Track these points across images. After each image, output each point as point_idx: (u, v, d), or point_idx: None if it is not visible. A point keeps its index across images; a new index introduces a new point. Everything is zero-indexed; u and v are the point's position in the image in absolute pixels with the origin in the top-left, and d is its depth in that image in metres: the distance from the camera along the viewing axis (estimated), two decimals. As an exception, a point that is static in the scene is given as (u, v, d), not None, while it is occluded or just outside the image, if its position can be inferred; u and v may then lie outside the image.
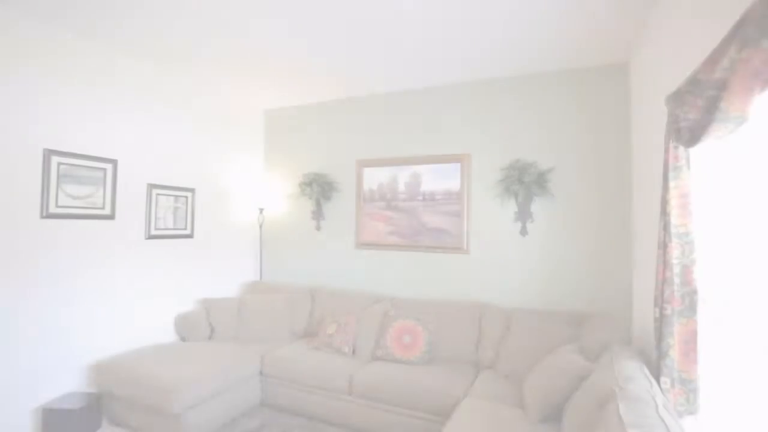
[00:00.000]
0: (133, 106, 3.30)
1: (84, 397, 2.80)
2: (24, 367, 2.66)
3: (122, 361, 2.90)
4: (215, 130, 4.05)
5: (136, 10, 2.56)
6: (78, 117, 2.94)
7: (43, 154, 2.73)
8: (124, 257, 3.23)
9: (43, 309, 2.75)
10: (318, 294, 3.86)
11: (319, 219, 4.24)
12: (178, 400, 2.52)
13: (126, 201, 3.24)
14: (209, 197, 3.98)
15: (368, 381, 2.80)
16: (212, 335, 3.57)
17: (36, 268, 2.71)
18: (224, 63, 3.34)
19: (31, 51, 2.69)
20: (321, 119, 4.32)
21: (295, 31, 2.79)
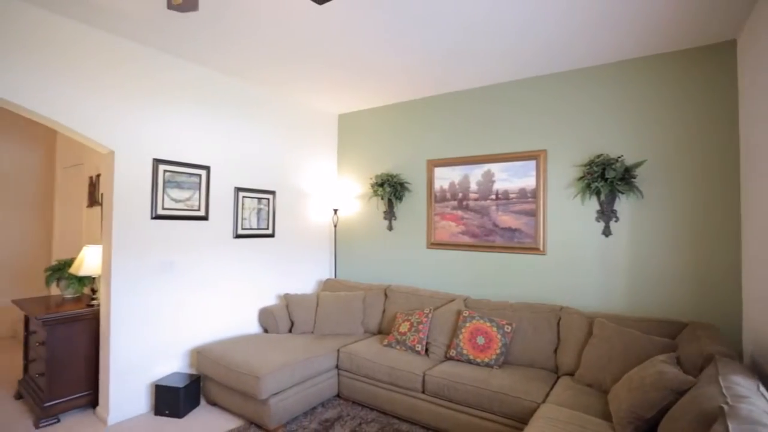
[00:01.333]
0: (222, 117, 3.63)
1: (186, 377, 3.15)
2: (142, 348, 3.07)
3: (216, 347, 3.20)
4: (293, 136, 4.31)
5: (231, 36, 2.82)
6: (178, 129, 3.31)
7: (152, 164, 3.11)
8: (216, 254, 3.57)
9: (154, 299, 3.14)
10: (391, 292, 3.94)
11: (391, 219, 4.32)
12: (264, 386, 2.73)
13: (217, 203, 3.58)
14: (288, 199, 4.25)
15: (441, 380, 2.81)
16: (292, 328, 3.81)
17: (146, 264, 3.10)
18: (301, 75, 3.54)
19: (146, 74, 3.09)
20: (392, 121, 4.39)
21: (371, 35, 2.88)
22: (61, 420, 2.96)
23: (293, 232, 4.30)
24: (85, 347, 3.06)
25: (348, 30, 2.78)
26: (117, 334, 2.95)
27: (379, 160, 4.48)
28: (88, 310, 3.07)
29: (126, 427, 2.87)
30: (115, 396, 2.94)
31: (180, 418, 3.00)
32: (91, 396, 3.08)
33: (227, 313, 3.66)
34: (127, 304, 2.99)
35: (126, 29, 2.83)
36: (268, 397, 2.79)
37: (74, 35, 2.74)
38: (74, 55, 2.74)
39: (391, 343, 3.37)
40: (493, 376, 2.77)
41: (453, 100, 3.96)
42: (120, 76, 2.96)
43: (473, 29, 2.74)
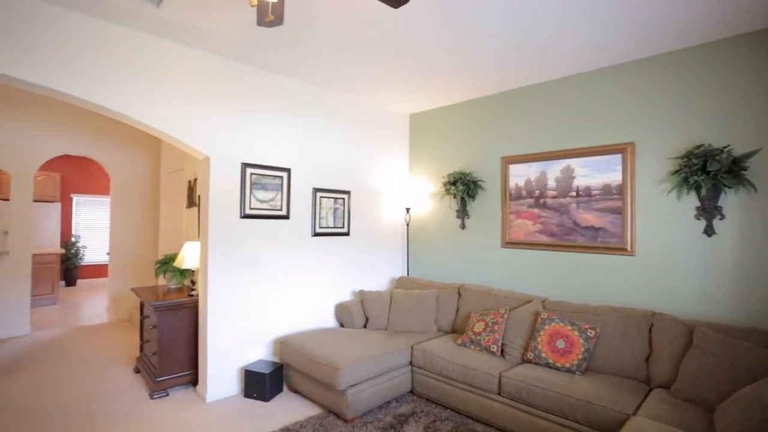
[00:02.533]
0: (301, 122, 3.86)
1: (271, 365, 3.41)
2: (233, 335, 3.38)
3: (297, 338, 3.42)
4: (366, 137, 4.44)
5: (308, 46, 2.99)
6: (263, 135, 3.57)
7: (241, 167, 3.41)
8: (296, 251, 3.80)
9: (243, 291, 3.44)
10: (465, 291, 3.90)
11: (464, 218, 4.27)
12: (343, 377, 2.87)
13: (297, 203, 3.81)
14: (362, 198, 4.39)
15: (518, 383, 2.73)
16: (367, 324, 3.94)
17: (236, 259, 3.40)
18: (373, 78, 3.64)
19: (235, 86, 3.39)
20: (463, 118, 4.34)
21: (445, 32, 2.89)
22: (170, 394, 3.36)
23: (367, 231, 4.43)
24: (187, 332, 3.45)
25: (421, 30, 2.81)
26: (212, 322, 3.28)
27: (451, 158, 4.45)
28: (189, 299, 3.46)
29: (221, 405, 3.19)
30: (211, 377, 3.27)
31: (266, 401, 3.25)
32: (193, 375, 3.46)
33: (306, 307, 3.88)
34: (221, 296, 3.31)
35: (218, 47, 3.13)
36: (345, 388, 2.92)
37: (174, 55, 3.09)
38: (174, 73, 3.09)
39: (465, 342, 3.34)
40: (576, 382, 2.63)
41: (528, 94, 3.81)
42: (213, 89, 3.28)
43: (564, 17, 2.62)
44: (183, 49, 3.12)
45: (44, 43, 2.55)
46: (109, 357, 4.27)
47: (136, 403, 3.20)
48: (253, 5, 1.75)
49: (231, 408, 3.15)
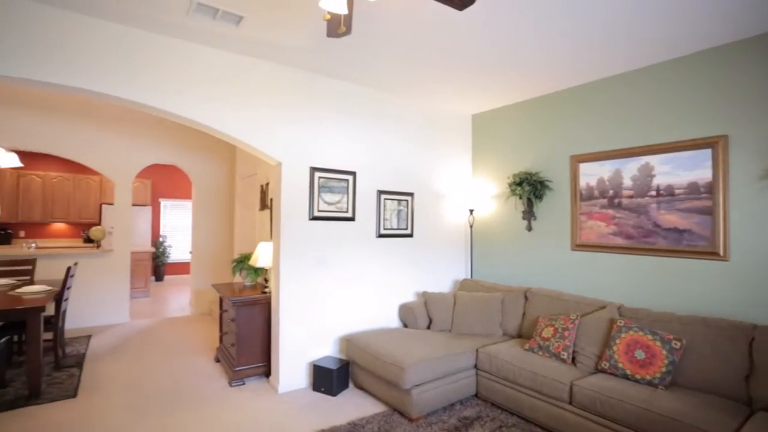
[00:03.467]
0: (365, 126, 3.97)
1: (337, 361, 3.54)
2: (302, 331, 3.57)
3: (363, 337, 3.52)
4: (429, 139, 4.46)
5: (372, 52, 3.09)
6: (329, 140, 3.73)
7: (309, 171, 3.59)
8: (361, 252, 3.92)
9: (311, 290, 3.61)
10: (531, 295, 3.77)
11: (530, 219, 4.13)
12: (408, 376, 2.91)
13: (362, 205, 3.93)
14: (425, 200, 4.41)
15: (592, 393, 2.59)
16: (430, 325, 3.95)
17: (305, 259, 3.58)
18: (436, 80, 3.65)
19: (304, 94, 3.58)
20: (529, 117, 4.21)
21: (512, 30, 2.84)
22: (246, 383, 3.62)
23: (430, 233, 4.45)
24: (261, 326, 3.69)
25: (486, 29, 2.78)
26: (284, 318, 3.48)
27: (515, 158, 4.33)
28: (262, 296, 3.70)
29: (292, 397, 3.37)
30: (283, 369, 3.48)
31: (333, 396, 3.38)
32: (266, 367, 3.69)
33: (370, 306, 3.98)
34: (291, 293, 3.51)
35: (288, 58, 3.33)
36: (410, 388, 2.96)
37: (250, 69, 3.34)
38: (250, 85, 3.33)
39: (533, 347, 3.24)
40: (658, 397, 2.44)
41: (601, 88, 3.60)
42: (285, 98, 3.49)
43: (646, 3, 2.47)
44: (258, 62, 3.36)
45: (147, 69, 2.88)
46: (193, 346, 4.69)
47: (217, 389, 3.49)
48: (327, 19, 1.86)
49: (301, 400, 3.32)
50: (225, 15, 2.68)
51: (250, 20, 2.75)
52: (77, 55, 2.67)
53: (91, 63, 2.71)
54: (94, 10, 2.62)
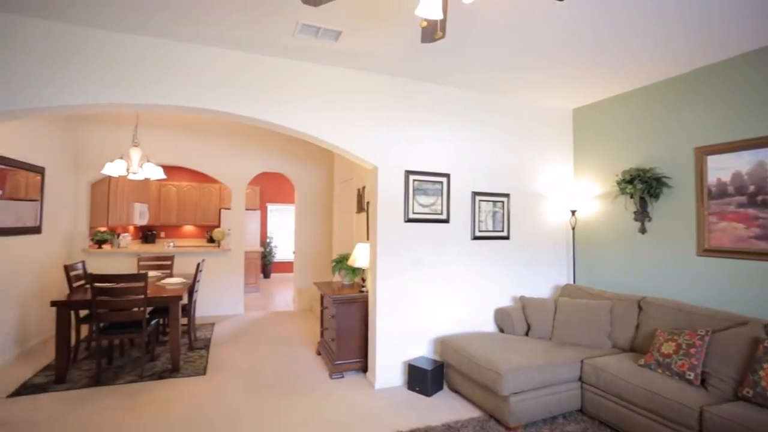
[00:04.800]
0: (459, 128, 3.95)
1: (432, 362, 3.56)
2: (397, 331, 3.67)
3: (458, 339, 3.50)
4: (525, 138, 4.27)
5: (465, 52, 3.08)
6: (423, 143, 3.79)
7: (404, 175, 3.68)
8: (456, 254, 3.90)
9: (406, 290, 3.69)
10: (647, 305, 3.39)
11: (644, 220, 3.72)
12: (506, 383, 2.82)
13: (456, 207, 3.91)
14: (522, 201, 4.24)
15: (731, 424, 2.23)
16: (529, 332, 3.77)
17: (401, 261, 3.67)
18: (532, 75, 3.49)
19: (398, 100, 3.70)
20: (638, 108, 3.79)
21: (620, 14, 2.62)
22: (345, 377, 3.83)
23: (528, 235, 4.25)
24: (359, 324, 3.87)
25: (589, 16, 2.60)
26: (380, 317, 3.61)
27: (624, 154, 3.94)
28: (359, 294, 3.88)
29: (388, 394, 3.48)
30: (380, 367, 3.61)
31: (428, 396, 3.41)
32: (363, 363, 3.86)
33: (465, 309, 3.94)
34: (387, 293, 3.62)
35: (383, 66, 3.46)
36: (508, 395, 2.86)
37: (347, 80, 3.54)
38: (348, 95, 3.54)
39: (650, 364, 2.91)
40: (821, 433, 2.03)
41: (734, 67, 3.11)
42: (380, 104, 3.63)
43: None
44: (353, 73, 3.56)
45: (258, 87, 3.24)
46: (297, 339, 5.09)
47: (319, 380, 3.74)
48: (423, 26, 1.91)
49: (396, 397, 3.41)
50: (325, 32, 2.89)
51: (348, 35, 2.92)
52: (206, 83, 3.11)
53: (214, 88, 3.13)
54: (214, 40, 3.02)
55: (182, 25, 2.80)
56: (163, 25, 2.81)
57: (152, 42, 2.99)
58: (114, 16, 2.70)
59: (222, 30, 2.87)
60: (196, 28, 2.85)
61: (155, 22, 2.76)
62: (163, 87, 3.00)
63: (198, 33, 2.92)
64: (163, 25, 2.81)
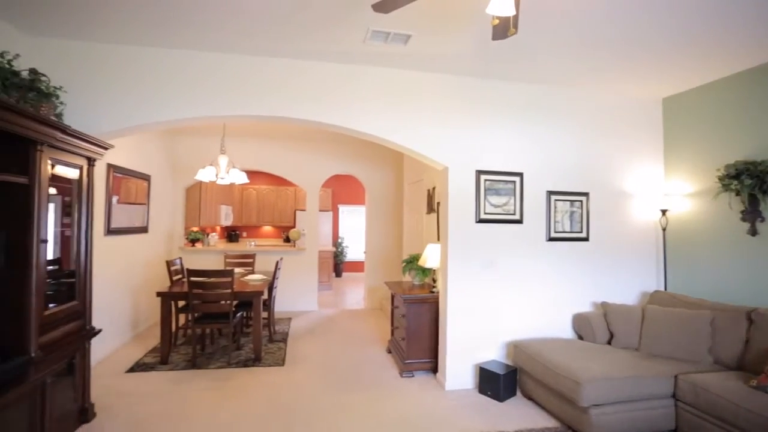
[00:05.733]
0: (532, 125, 3.79)
1: (504, 366, 3.46)
2: (468, 333, 3.62)
3: (533, 344, 3.36)
4: (606, 132, 3.98)
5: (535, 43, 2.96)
6: (494, 142, 3.70)
7: (475, 175, 3.62)
8: (529, 256, 3.75)
9: (477, 292, 3.63)
10: (760, 317, 2.98)
11: (755, 220, 3.27)
12: (585, 393, 2.66)
13: (530, 207, 3.76)
14: (603, 200, 3.95)
15: None
16: (612, 340, 3.51)
17: (472, 262, 3.62)
18: (613, 64, 3.24)
19: (467, 99, 3.65)
20: (743, 94, 3.34)
21: None
22: (415, 376, 3.86)
23: (609, 236, 3.95)
24: (429, 324, 3.88)
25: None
26: (451, 318, 3.59)
27: (727, 146, 3.49)
28: (430, 295, 3.89)
29: (458, 396, 3.45)
30: (450, 368, 3.58)
31: (500, 401, 3.32)
32: (433, 363, 3.86)
33: (539, 313, 3.77)
34: (458, 294, 3.59)
35: (451, 67, 3.44)
36: (588, 406, 2.69)
37: (415, 82, 3.57)
38: (416, 97, 3.57)
39: (764, 386, 2.55)
40: None
41: None
42: (448, 105, 3.62)
43: None
44: (422, 75, 3.58)
45: (332, 94, 3.40)
46: (368, 336, 5.23)
47: (389, 378, 3.81)
48: (495, 24, 1.88)
49: (467, 400, 3.37)
50: (395, 36, 2.95)
51: (417, 37, 2.95)
52: (285, 93, 3.34)
53: (293, 97, 3.35)
54: (293, 53, 3.22)
55: (268, 41, 3.03)
56: (250, 43, 3.06)
57: (239, 58, 3.27)
58: (206, 38, 3.00)
59: (302, 44, 3.05)
60: (280, 44, 3.07)
61: (243, 39, 3.02)
62: (248, 99, 3.28)
63: (280, 48, 3.14)
64: (250, 43, 3.06)
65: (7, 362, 2.00)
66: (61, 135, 2.47)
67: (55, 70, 2.87)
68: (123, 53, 3.11)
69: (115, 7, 2.56)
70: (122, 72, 3.11)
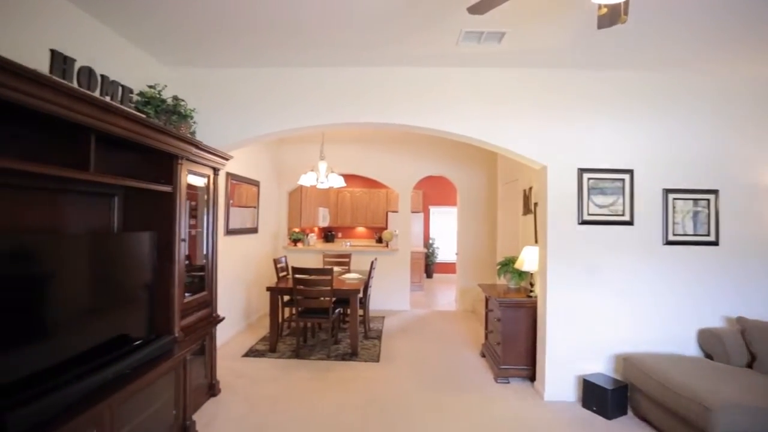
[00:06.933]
0: (642, 117, 3.42)
1: (612, 381, 3.18)
2: (569, 342, 3.40)
3: (647, 359, 3.04)
4: (739, 121, 3.42)
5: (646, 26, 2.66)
6: (599, 138, 3.42)
7: (577, 173, 3.39)
8: (642, 261, 3.39)
9: (580, 299, 3.39)
10: None
11: None
12: (716, 421, 2.32)
13: (642, 207, 3.39)
14: (737, 198, 3.40)
15: None
16: (753, 363, 3.01)
17: (574, 266, 3.39)
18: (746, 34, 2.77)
19: (566, 93, 3.44)
20: None
21: None
22: (510, 382, 3.73)
23: (747, 240, 3.38)
24: (527, 330, 3.72)
25: None
26: (551, 325, 3.40)
27: None
28: (527, 299, 3.73)
29: (559, 408, 3.25)
30: (549, 377, 3.39)
31: (608, 419, 3.05)
32: (530, 371, 3.69)
33: (655, 326, 3.38)
34: (559, 300, 3.39)
35: (545, 60, 3.25)
36: (719, 435, 2.35)
37: (507, 79, 3.45)
38: (508, 94, 3.45)
39: None
40: None
41: None
42: (544, 101, 3.43)
43: None
44: (515, 71, 3.44)
45: (422, 97, 3.46)
46: (460, 338, 5.18)
47: (484, 382, 3.74)
48: (602, 13, 1.75)
49: (569, 413, 3.16)
50: (489, 35, 2.89)
51: (511, 34, 2.85)
52: (380, 99, 3.49)
53: (390, 103, 3.48)
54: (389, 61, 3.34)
55: (363, 51, 3.19)
56: (349, 55, 3.26)
57: (339, 71, 3.50)
58: (309, 54, 3.26)
59: (395, 51, 3.15)
60: (374, 53, 3.21)
61: (342, 52, 3.22)
62: (348, 108, 3.51)
63: (374, 57, 3.28)
64: (349, 55, 3.26)
65: (160, 339, 2.42)
66: (195, 150, 2.89)
67: (189, 95, 3.37)
68: (240, 75, 3.53)
69: (235, 37, 2.93)
70: (240, 91, 3.53)
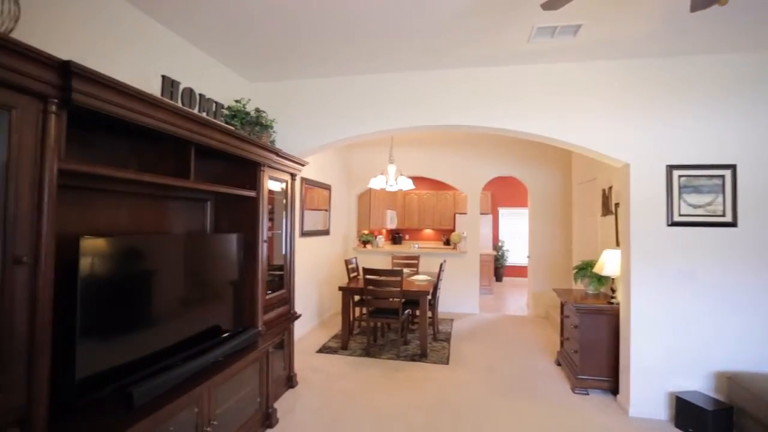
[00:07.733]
0: (747, 103, 3.04)
1: (712, 402, 2.86)
2: (658, 354, 3.12)
3: (758, 380, 2.70)
4: None
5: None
6: (691, 131, 3.10)
7: (665, 170, 3.11)
8: (749, 267, 3.01)
9: (670, 307, 3.10)
10: None
11: None
12: None
13: (749, 206, 3.02)
14: None
15: None
16: None
17: (663, 271, 3.11)
18: None
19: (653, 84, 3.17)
20: None
21: None
22: (589, 394, 3.51)
23: None
24: (607, 339, 3.48)
25: None
26: (636, 335, 3.14)
27: None
28: (608, 306, 3.48)
29: (646, 425, 3.00)
30: (635, 391, 3.14)
31: (707, 442, 2.76)
32: (612, 383, 3.44)
33: (763, 341, 2.98)
34: (645, 308, 3.13)
35: (624, 51, 3.02)
36: None
37: (579, 73, 3.25)
38: (584, 89, 3.25)
39: None
40: None
41: None
42: (624, 94, 3.19)
43: None
44: (592, 64, 3.24)
45: (493, 97, 3.40)
46: (533, 345, 4.96)
47: (559, 392, 3.56)
48: None
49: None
50: (563, 29, 2.77)
51: (589, 26, 2.71)
52: (461, 101, 3.49)
53: (458, 104, 3.47)
54: (461, 62, 3.33)
55: (432, 54, 3.22)
56: (417, 59, 3.32)
57: (408, 75, 3.57)
58: (380, 61, 3.36)
59: (464, 53, 3.14)
60: (442, 56, 3.23)
61: (411, 57, 3.29)
62: (417, 111, 3.56)
63: (443, 60, 3.30)
64: (417, 59, 3.32)
65: (246, 332, 2.65)
66: (276, 157, 3.13)
67: (270, 106, 3.64)
68: (313, 85, 3.74)
69: (308, 50, 3.12)
70: (314, 101, 3.74)
